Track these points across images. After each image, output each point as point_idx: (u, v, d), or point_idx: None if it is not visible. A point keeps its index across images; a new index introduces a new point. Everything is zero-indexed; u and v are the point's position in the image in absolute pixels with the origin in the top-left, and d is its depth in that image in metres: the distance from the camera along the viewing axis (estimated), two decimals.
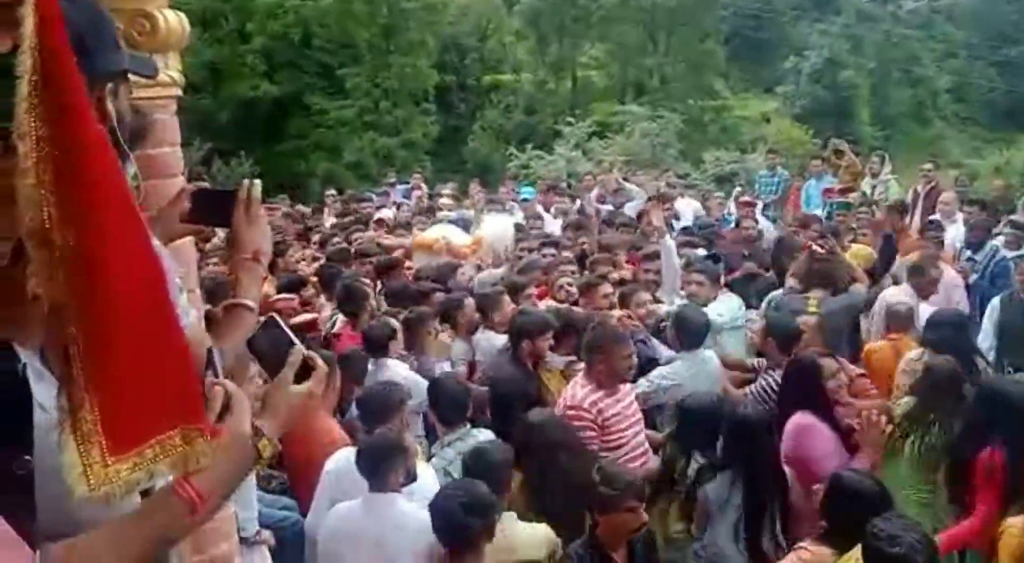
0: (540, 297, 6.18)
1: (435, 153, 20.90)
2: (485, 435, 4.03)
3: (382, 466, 3.33)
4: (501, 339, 5.25)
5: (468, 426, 4.13)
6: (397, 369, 4.83)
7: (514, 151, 19.09)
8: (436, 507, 3.12)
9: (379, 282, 6.70)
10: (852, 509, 2.95)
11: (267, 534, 2.99)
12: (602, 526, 3.28)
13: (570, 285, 6.15)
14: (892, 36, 27.04)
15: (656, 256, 6.44)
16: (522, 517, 3.43)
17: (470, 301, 5.76)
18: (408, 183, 13.89)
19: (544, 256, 7.23)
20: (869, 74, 25.06)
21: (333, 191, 13.35)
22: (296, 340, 1.51)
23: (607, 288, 5.81)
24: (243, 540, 2.50)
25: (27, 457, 1.13)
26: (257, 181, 1.79)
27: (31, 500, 1.13)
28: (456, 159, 21.26)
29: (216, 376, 1.45)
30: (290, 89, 20.60)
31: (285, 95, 20.51)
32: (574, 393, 4.26)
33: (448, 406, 4.15)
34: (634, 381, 4.60)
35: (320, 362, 1.49)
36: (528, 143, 19.52)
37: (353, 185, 16.64)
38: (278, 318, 1.54)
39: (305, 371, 1.46)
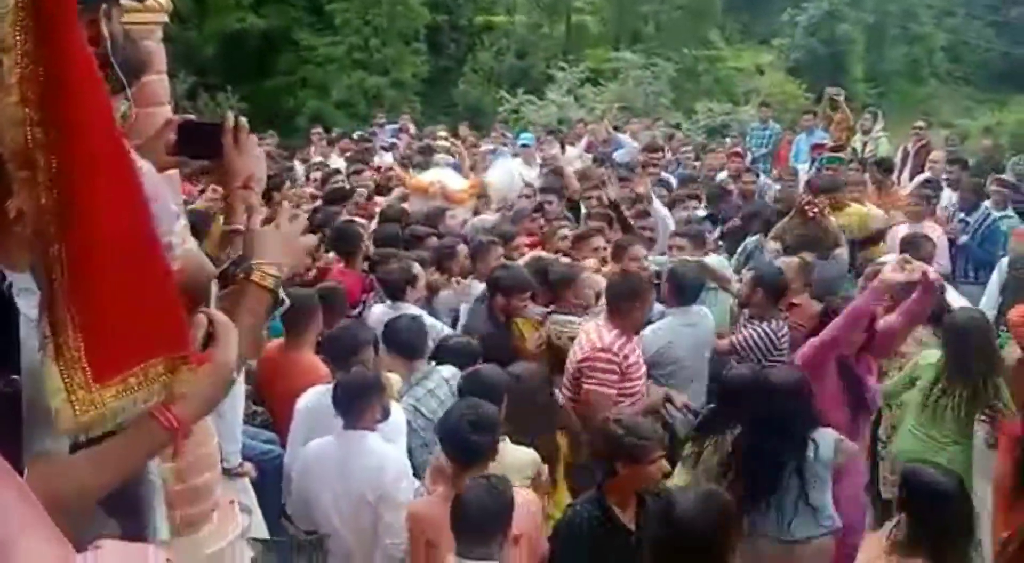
0: (532, 247, 6.11)
1: (425, 94, 20.58)
2: (449, 371, 4.08)
3: (357, 403, 3.37)
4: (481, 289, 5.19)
5: (432, 364, 4.17)
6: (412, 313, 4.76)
7: (505, 95, 18.83)
8: (446, 425, 3.27)
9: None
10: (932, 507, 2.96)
11: (248, 466, 3.00)
12: (623, 479, 3.17)
13: (565, 238, 6.09)
14: None
15: (649, 213, 6.45)
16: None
17: (463, 248, 5.68)
18: (397, 124, 13.72)
19: (546, 203, 7.12)
20: (866, 29, 24.75)
21: (319, 129, 13.15)
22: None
23: (599, 241, 5.73)
24: (226, 471, 2.50)
25: (13, 376, 1.12)
26: (243, 118, 1.76)
27: (18, 419, 1.13)
28: (446, 101, 20.94)
29: (207, 305, 1.43)
30: (278, 23, 20.12)
31: (273, 29, 20.04)
32: (601, 336, 4.28)
33: (405, 344, 4.19)
34: None
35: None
36: (519, 87, 19.25)
37: (342, 124, 16.40)
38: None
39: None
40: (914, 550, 2.84)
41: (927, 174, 9.98)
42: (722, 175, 9.76)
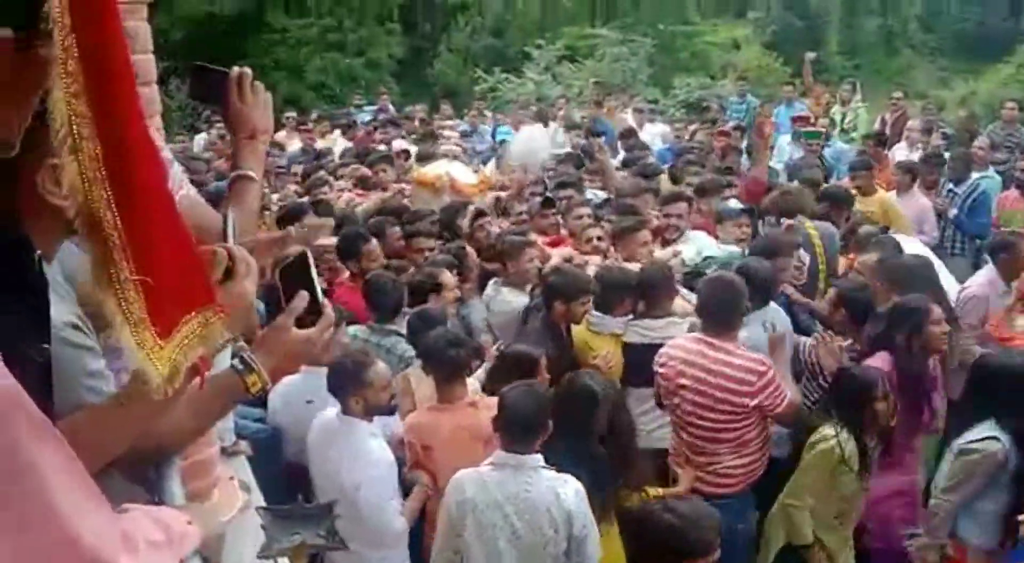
0: (553, 245, 5.54)
1: (400, 75, 20.39)
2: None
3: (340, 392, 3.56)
4: (518, 299, 4.74)
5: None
6: None
7: (482, 74, 18.71)
8: (427, 346, 3.76)
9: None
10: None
11: (244, 444, 2.97)
12: None
13: (600, 237, 5.38)
14: None
15: (677, 198, 5.73)
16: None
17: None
18: (375, 104, 13.60)
19: (565, 199, 6.32)
20: (840, 1, 24.79)
21: (292, 113, 12.95)
22: (316, 284, 1.52)
23: (646, 234, 5.12)
24: (222, 450, 2.47)
25: (44, 345, 1.19)
26: (247, 70, 1.77)
27: (49, 386, 1.18)
28: (422, 81, 20.77)
29: (226, 241, 1.45)
30: (249, 5, 19.82)
31: (244, 12, 19.73)
32: (736, 353, 3.79)
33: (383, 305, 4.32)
34: None
35: (329, 311, 1.53)
36: (496, 66, 19.13)
37: (317, 106, 16.23)
38: (310, 258, 1.53)
39: (313, 316, 1.50)
40: None
41: (903, 143, 10.07)
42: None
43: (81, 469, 0.99)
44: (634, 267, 4.70)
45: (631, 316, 4.42)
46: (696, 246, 5.36)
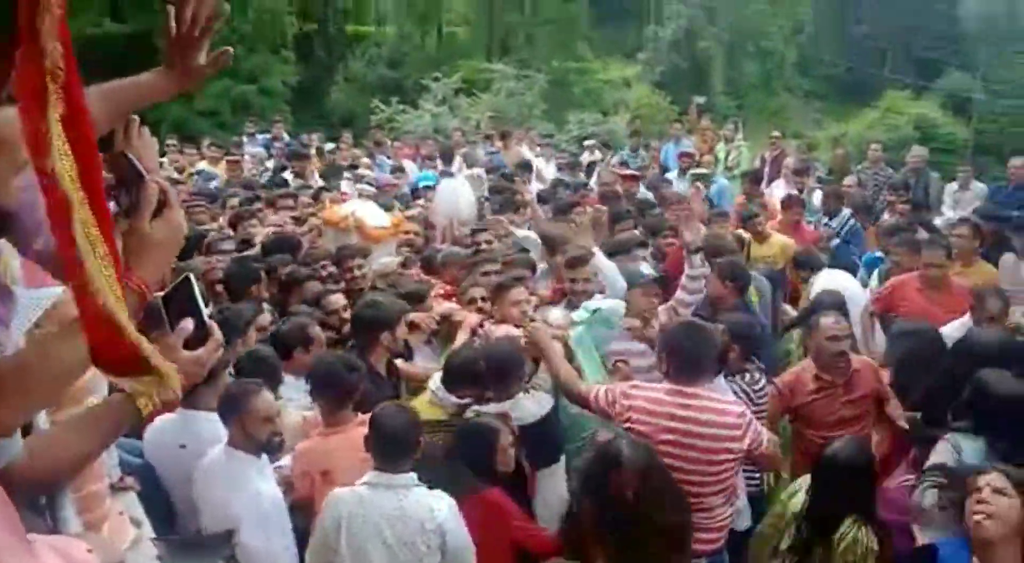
0: (446, 297, 5.26)
1: (295, 103, 20.16)
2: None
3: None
4: None
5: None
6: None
7: (379, 104, 18.72)
8: (319, 372, 3.74)
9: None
10: None
11: (131, 480, 2.87)
12: None
13: (483, 297, 4.92)
14: (745, 10, 28.23)
15: (584, 261, 4.85)
16: None
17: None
18: (268, 132, 13.39)
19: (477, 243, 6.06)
20: (723, 46, 26.08)
21: (174, 139, 12.50)
22: (202, 306, 1.55)
23: (521, 292, 4.67)
24: (110, 486, 2.40)
25: None
26: (135, 117, 1.83)
27: None
28: (318, 110, 20.60)
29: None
30: (137, 28, 19.24)
31: (132, 35, 19.15)
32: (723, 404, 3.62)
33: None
34: None
35: (217, 333, 1.56)
36: (393, 97, 19.17)
37: (207, 132, 15.83)
38: (193, 280, 1.55)
39: (200, 339, 1.52)
40: None
41: (781, 180, 10.64)
42: None
43: (11, 510, 0.98)
44: (508, 330, 4.38)
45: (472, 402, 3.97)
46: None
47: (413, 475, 3.17)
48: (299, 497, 3.65)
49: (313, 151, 11.73)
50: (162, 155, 12.04)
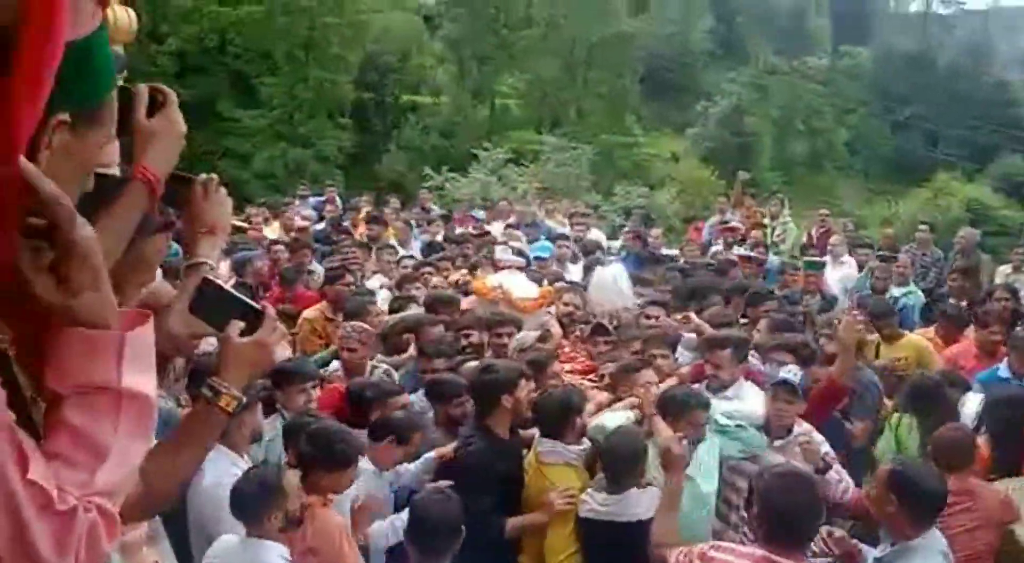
0: (583, 374, 5.17)
1: (348, 168, 20.74)
2: None
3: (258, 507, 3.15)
4: None
5: None
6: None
7: (429, 171, 19.14)
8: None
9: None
10: None
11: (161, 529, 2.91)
12: None
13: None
14: (795, 89, 28.47)
15: (722, 344, 4.55)
16: None
17: None
18: (322, 195, 13.73)
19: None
20: (773, 123, 26.24)
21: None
22: (237, 293, 1.59)
23: (649, 375, 4.51)
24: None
25: None
26: (214, 176, 1.87)
27: None
28: (370, 176, 21.13)
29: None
30: (201, 94, 20.14)
31: (196, 100, 20.02)
32: None
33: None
34: None
35: (270, 310, 1.60)
36: (444, 165, 19.59)
37: (261, 195, 16.33)
38: (211, 277, 1.60)
39: (254, 322, 1.56)
40: None
41: (828, 258, 10.53)
42: None
43: None
44: (627, 415, 4.17)
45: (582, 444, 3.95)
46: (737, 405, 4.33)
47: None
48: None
49: (362, 214, 11.98)
50: None
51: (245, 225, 10.99)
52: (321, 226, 11.93)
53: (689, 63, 33.58)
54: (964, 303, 7.19)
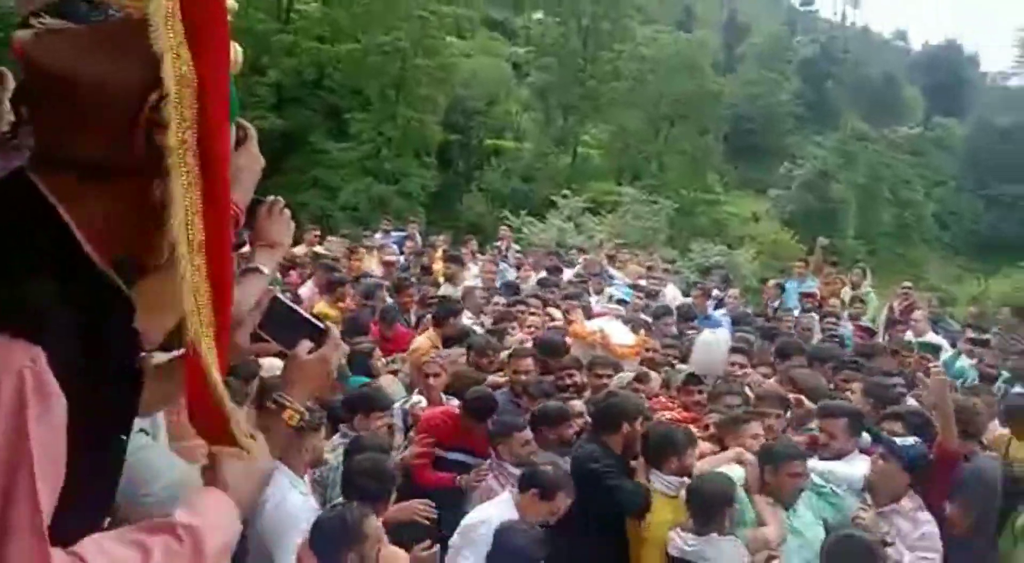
0: (679, 422, 5.09)
1: (430, 206, 21.12)
2: None
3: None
4: None
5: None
6: None
7: (508, 215, 19.34)
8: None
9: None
10: None
11: None
12: None
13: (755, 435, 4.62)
14: (884, 157, 27.91)
15: (839, 413, 4.57)
16: None
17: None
18: (403, 231, 13.99)
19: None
20: (858, 190, 25.76)
21: (317, 230, 13.25)
22: (300, 311, 1.66)
23: (756, 427, 4.55)
24: None
25: (124, 437, 1.28)
26: (279, 198, 1.96)
27: (115, 478, 1.28)
28: (450, 215, 21.47)
29: None
30: (296, 125, 20.88)
31: (290, 130, 20.78)
32: None
33: None
34: None
35: (333, 330, 1.64)
36: (522, 209, 19.78)
37: (344, 226, 16.72)
38: (280, 296, 1.66)
39: (318, 340, 1.61)
40: None
41: (909, 333, 10.18)
42: None
43: None
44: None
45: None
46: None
47: None
48: None
49: (439, 252, 12.15)
50: (298, 242, 12.77)
51: (326, 252, 11.29)
52: (401, 260, 12.14)
53: (775, 125, 33.37)
54: None
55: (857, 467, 4.23)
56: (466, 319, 7.39)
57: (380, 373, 5.80)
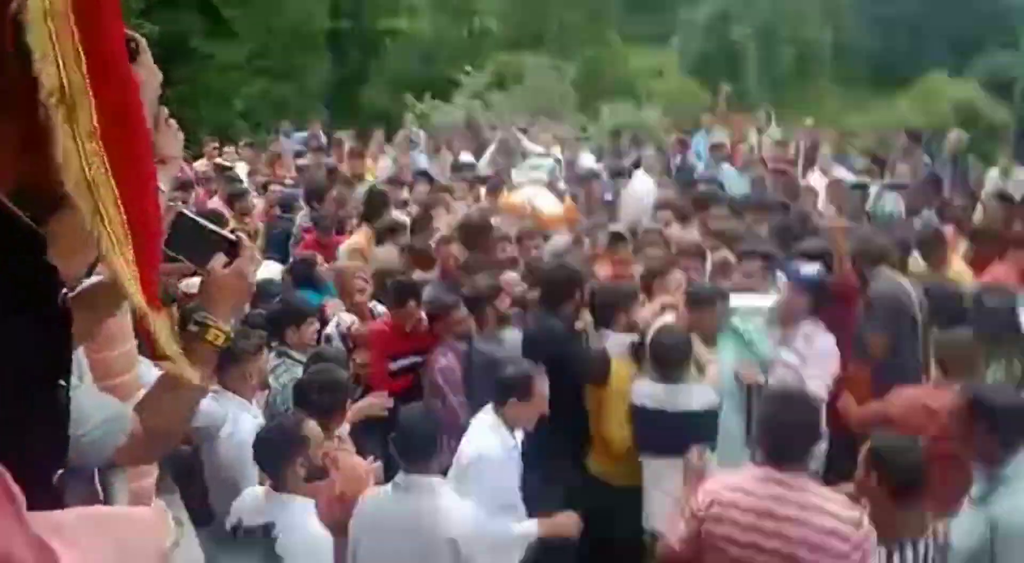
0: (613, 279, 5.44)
1: (330, 101, 20.38)
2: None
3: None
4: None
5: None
6: None
7: (412, 100, 18.85)
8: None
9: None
10: None
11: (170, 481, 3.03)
12: None
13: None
14: None
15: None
16: None
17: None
18: (304, 131, 13.60)
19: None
20: (758, 31, 25.77)
21: (216, 143, 12.74)
22: (208, 225, 1.63)
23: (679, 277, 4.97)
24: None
25: (62, 382, 1.19)
26: (164, 108, 1.84)
27: (64, 424, 1.22)
28: (351, 108, 20.79)
29: None
30: (174, 30, 19.55)
31: (166, 36, 19.47)
32: None
33: None
34: None
35: (245, 240, 1.64)
36: (426, 92, 19.29)
37: (246, 134, 16.12)
38: (186, 211, 1.65)
39: (232, 253, 1.60)
40: None
41: (817, 171, 10.54)
42: None
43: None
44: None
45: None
46: None
47: (437, 478, 3.25)
48: None
49: (346, 148, 11.88)
50: (199, 156, 12.31)
51: (227, 163, 10.94)
52: (308, 160, 11.86)
53: None
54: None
55: (768, 300, 4.74)
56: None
57: (327, 281, 5.79)
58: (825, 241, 5.24)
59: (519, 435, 3.89)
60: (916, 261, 5.76)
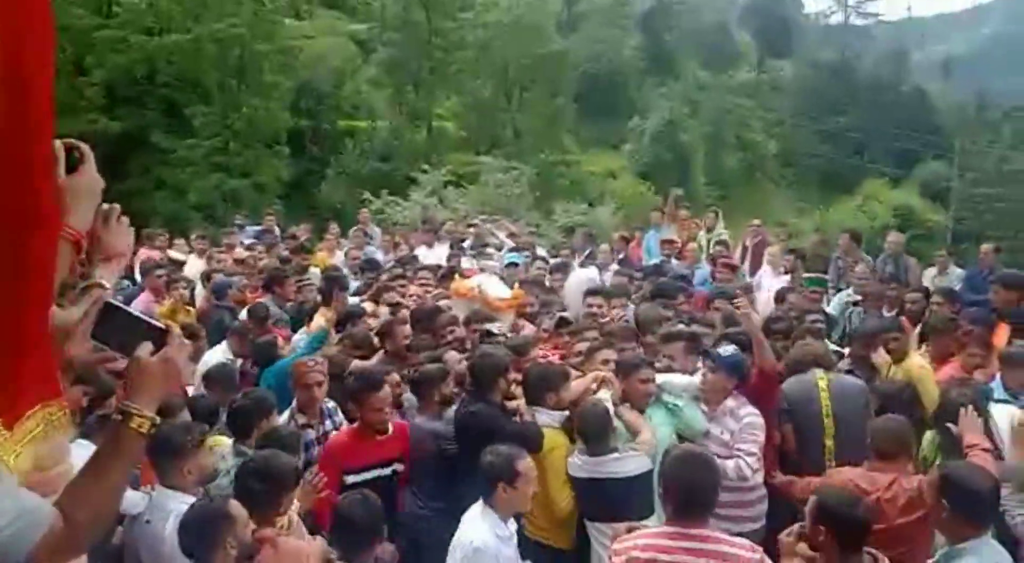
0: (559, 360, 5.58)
1: (287, 196, 20.53)
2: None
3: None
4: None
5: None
6: None
7: (369, 196, 19.09)
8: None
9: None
10: None
11: None
12: None
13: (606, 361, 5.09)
14: (725, 103, 29.14)
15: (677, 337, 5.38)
16: None
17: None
18: (259, 225, 13.59)
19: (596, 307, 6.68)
20: (705, 137, 26.87)
21: (163, 232, 12.63)
22: (138, 314, 1.62)
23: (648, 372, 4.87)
24: None
25: None
26: (116, 206, 1.88)
27: None
28: (308, 203, 20.97)
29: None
30: (132, 125, 19.75)
31: (127, 132, 19.64)
32: None
33: None
34: None
35: (175, 328, 1.63)
36: (383, 189, 19.56)
37: (199, 227, 16.06)
38: (115, 302, 1.63)
39: (159, 341, 1.58)
40: None
41: (768, 268, 10.79)
42: None
43: None
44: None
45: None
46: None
47: None
48: None
49: (301, 243, 11.89)
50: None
51: (182, 257, 10.85)
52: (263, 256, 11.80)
53: (621, 80, 34.17)
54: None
55: (694, 379, 4.92)
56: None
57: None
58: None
59: (512, 525, 3.80)
60: (880, 354, 5.93)
